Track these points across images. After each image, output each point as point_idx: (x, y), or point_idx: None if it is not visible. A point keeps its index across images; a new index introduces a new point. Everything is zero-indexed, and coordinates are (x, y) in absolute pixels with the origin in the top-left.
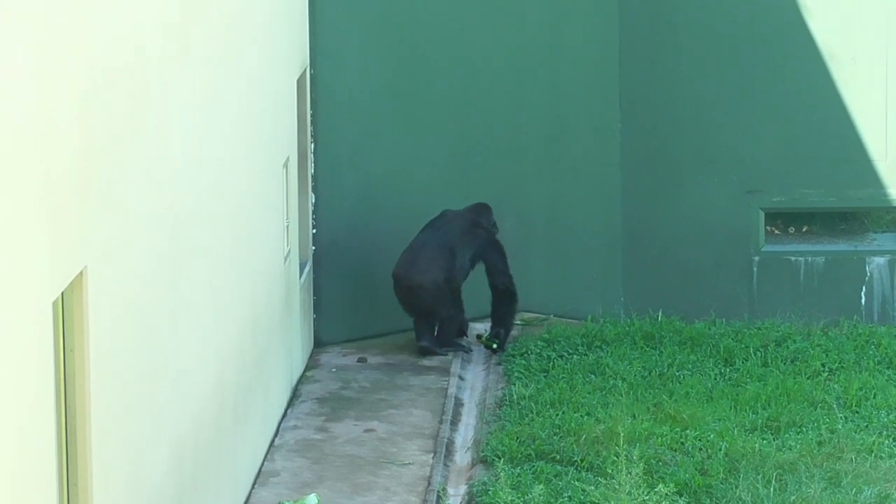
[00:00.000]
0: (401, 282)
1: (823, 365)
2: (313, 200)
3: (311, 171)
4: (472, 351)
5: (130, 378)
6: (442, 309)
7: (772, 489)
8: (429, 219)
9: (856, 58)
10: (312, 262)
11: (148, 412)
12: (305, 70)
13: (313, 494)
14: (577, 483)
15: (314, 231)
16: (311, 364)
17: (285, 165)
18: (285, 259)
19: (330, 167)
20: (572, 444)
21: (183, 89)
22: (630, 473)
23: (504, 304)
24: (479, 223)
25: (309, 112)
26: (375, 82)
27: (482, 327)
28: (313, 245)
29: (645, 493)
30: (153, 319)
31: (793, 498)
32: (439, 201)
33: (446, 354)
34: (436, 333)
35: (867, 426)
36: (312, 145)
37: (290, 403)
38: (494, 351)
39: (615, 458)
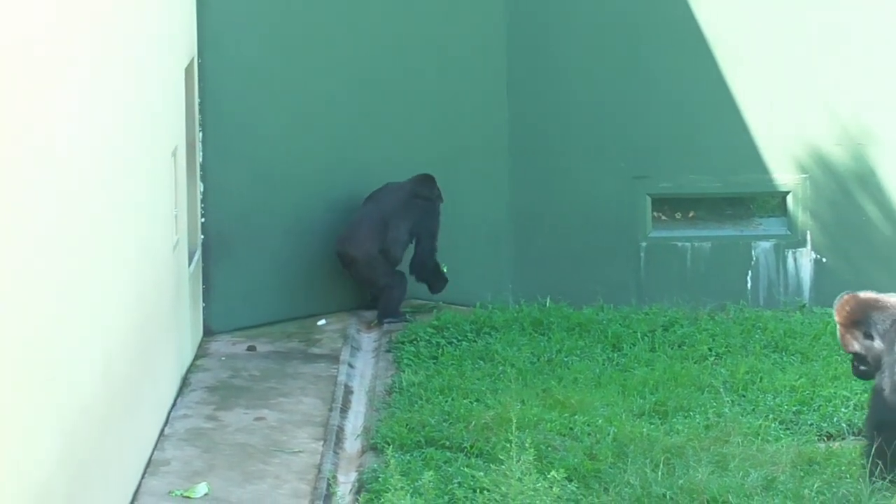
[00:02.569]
0: (338, 255)
1: (710, 349)
2: (202, 189)
3: (199, 159)
4: (414, 321)
5: (7, 373)
6: (379, 279)
7: (660, 473)
8: (350, 196)
9: (740, 44)
10: (201, 250)
11: (29, 408)
12: (193, 59)
13: (203, 483)
14: (466, 469)
15: (203, 220)
16: (201, 353)
17: (174, 154)
18: (174, 248)
19: (218, 156)
20: (462, 430)
21: (67, 77)
22: (520, 460)
23: (420, 275)
24: (418, 194)
25: (197, 101)
26: (263, 71)
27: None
28: (202, 234)
29: (536, 479)
30: (33, 312)
31: (681, 481)
32: (327, 189)
33: (386, 324)
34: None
35: (754, 410)
36: (201, 134)
37: (179, 392)
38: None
39: (505, 445)
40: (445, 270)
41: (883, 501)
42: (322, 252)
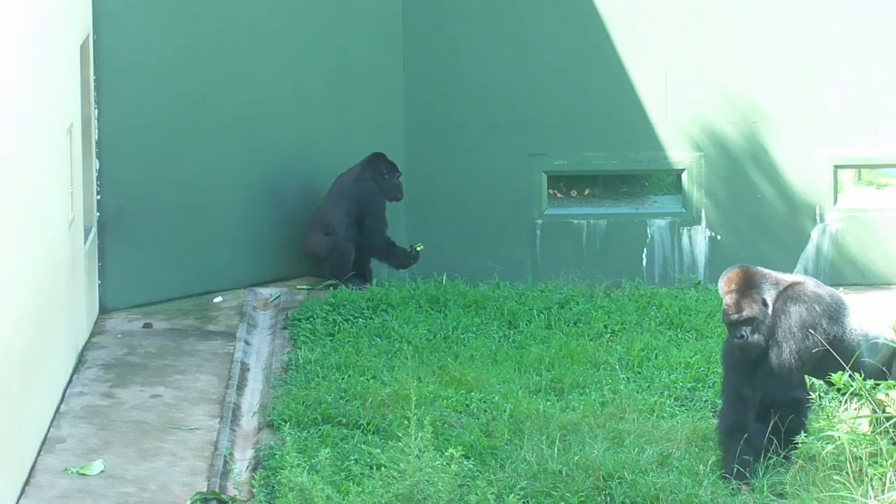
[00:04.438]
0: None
1: (606, 326)
2: (97, 166)
3: (95, 136)
4: (370, 285)
5: None
6: (339, 271)
7: (556, 449)
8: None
9: (636, 22)
10: (97, 228)
11: None
12: (89, 36)
13: (99, 461)
14: (363, 446)
15: (98, 197)
16: (97, 330)
17: (69, 131)
18: (70, 226)
19: (114, 133)
20: (358, 407)
21: None
22: (417, 437)
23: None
24: (362, 176)
25: (92, 78)
26: (159, 48)
27: None
28: (98, 211)
29: (433, 456)
30: None
31: (576, 458)
32: (223, 165)
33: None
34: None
35: (649, 386)
36: (96, 111)
37: (75, 370)
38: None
39: (402, 422)
40: (420, 249)
41: (777, 477)
42: (218, 228)
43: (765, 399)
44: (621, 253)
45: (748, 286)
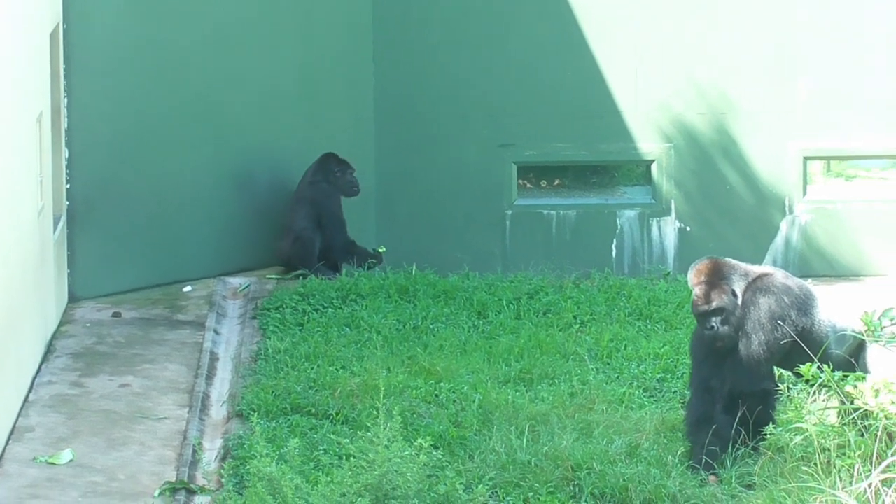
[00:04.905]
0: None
1: (575, 317)
2: (67, 155)
3: (64, 125)
4: (340, 275)
5: None
6: (305, 261)
7: (525, 440)
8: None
9: (606, 14)
10: (66, 216)
11: None
12: (58, 25)
13: (68, 450)
14: (332, 436)
15: (68, 185)
16: (66, 319)
17: (39, 120)
18: (39, 214)
19: (83, 122)
20: (328, 397)
21: None
22: (386, 427)
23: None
24: (315, 179)
25: (62, 66)
26: (130, 38)
27: None
28: (67, 200)
29: (402, 446)
30: None
31: (545, 448)
32: (193, 156)
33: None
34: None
35: (618, 377)
36: (66, 100)
37: (44, 359)
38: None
39: (371, 412)
40: (382, 251)
41: (745, 468)
42: (187, 218)
43: (733, 390)
44: (591, 244)
45: (717, 277)
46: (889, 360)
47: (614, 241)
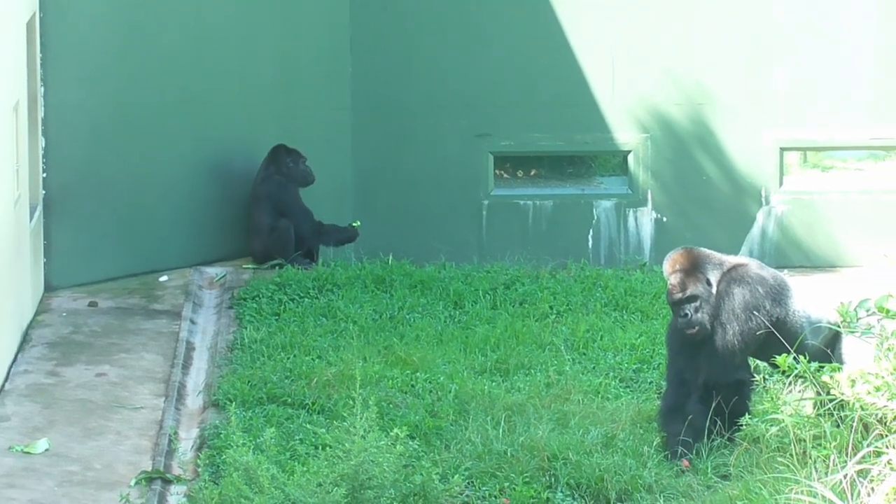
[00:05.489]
0: None
1: (551, 307)
2: (43, 144)
3: (41, 114)
4: (316, 265)
5: None
6: (283, 251)
7: (501, 430)
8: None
9: (583, 4)
10: (42, 206)
11: None
12: (35, 14)
13: (44, 439)
14: (308, 426)
15: (44, 175)
16: (42, 308)
17: (15, 109)
18: (15, 204)
19: (60, 111)
20: (304, 387)
21: None
22: (363, 417)
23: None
24: (267, 174)
25: (39, 56)
26: (106, 27)
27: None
28: (43, 189)
29: (378, 436)
30: None
31: (521, 439)
32: (169, 146)
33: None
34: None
35: (594, 368)
36: (42, 89)
37: (20, 348)
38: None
39: (347, 402)
40: (356, 225)
41: (721, 459)
42: (164, 208)
43: (708, 381)
44: (567, 234)
45: (693, 267)
46: (865, 351)
47: (591, 231)
